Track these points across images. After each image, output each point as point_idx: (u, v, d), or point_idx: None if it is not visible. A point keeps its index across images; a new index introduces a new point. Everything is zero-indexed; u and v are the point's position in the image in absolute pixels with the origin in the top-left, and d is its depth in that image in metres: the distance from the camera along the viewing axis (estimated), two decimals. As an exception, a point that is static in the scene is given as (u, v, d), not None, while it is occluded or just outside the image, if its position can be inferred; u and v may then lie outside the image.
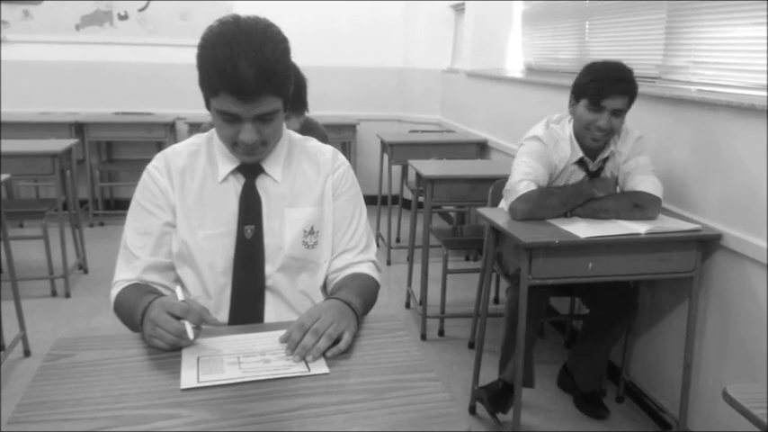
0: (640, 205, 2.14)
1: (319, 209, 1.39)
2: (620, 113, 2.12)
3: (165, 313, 1.11)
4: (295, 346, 1.11)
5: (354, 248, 1.42)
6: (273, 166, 1.37)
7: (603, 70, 2.13)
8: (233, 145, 1.28)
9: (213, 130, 1.39)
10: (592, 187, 2.17)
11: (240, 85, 1.16)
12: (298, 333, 1.12)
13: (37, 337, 2.91)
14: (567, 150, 2.22)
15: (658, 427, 2.39)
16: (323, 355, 1.11)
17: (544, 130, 2.25)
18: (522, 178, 2.17)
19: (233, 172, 1.36)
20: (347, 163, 1.46)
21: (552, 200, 2.16)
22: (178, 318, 1.11)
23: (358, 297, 1.27)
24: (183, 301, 1.16)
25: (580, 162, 2.24)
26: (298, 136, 1.46)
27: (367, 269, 1.42)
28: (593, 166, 2.25)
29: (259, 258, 1.34)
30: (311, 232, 1.37)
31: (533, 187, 2.15)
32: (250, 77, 1.16)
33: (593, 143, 2.18)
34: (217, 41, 1.18)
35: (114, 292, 1.33)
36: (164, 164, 1.37)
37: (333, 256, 1.41)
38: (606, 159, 2.25)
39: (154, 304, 1.14)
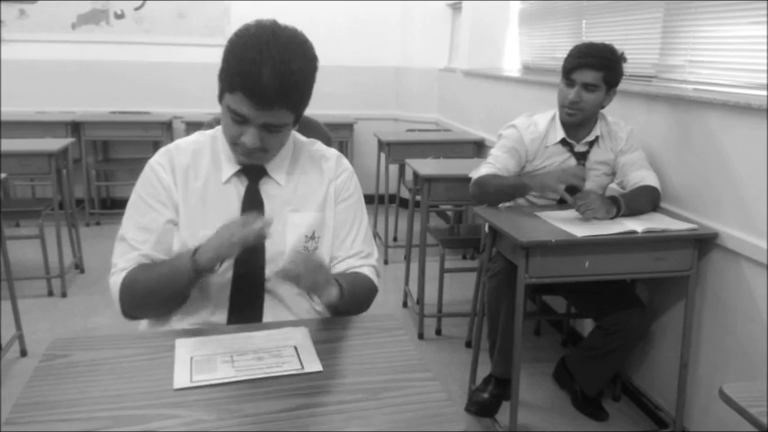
0: (656, 203, 2.24)
1: (321, 214, 1.39)
2: (592, 88, 2.19)
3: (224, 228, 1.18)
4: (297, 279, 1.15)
5: (355, 255, 1.42)
6: (278, 170, 1.36)
7: (579, 47, 2.23)
8: (233, 144, 1.28)
9: (217, 128, 1.39)
10: (530, 187, 2.21)
11: (258, 91, 1.16)
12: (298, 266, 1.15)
13: (33, 337, 2.90)
14: (541, 128, 2.31)
15: (655, 425, 2.40)
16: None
17: (523, 118, 2.37)
18: (486, 171, 2.30)
19: (237, 174, 1.35)
20: (351, 168, 1.46)
21: (491, 186, 2.26)
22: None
23: (348, 284, 1.28)
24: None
25: (564, 143, 2.31)
26: (304, 139, 1.45)
27: (367, 271, 1.42)
28: (577, 147, 2.31)
29: (260, 262, 1.33)
30: (312, 237, 1.37)
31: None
32: (270, 86, 1.15)
33: (568, 118, 2.26)
34: (249, 41, 1.17)
35: (118, 277, 1.29)
36: (167, 160, 1.35)
37: (334, 263, 1.41)
38: (593, 143, 2.32)
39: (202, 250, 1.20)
